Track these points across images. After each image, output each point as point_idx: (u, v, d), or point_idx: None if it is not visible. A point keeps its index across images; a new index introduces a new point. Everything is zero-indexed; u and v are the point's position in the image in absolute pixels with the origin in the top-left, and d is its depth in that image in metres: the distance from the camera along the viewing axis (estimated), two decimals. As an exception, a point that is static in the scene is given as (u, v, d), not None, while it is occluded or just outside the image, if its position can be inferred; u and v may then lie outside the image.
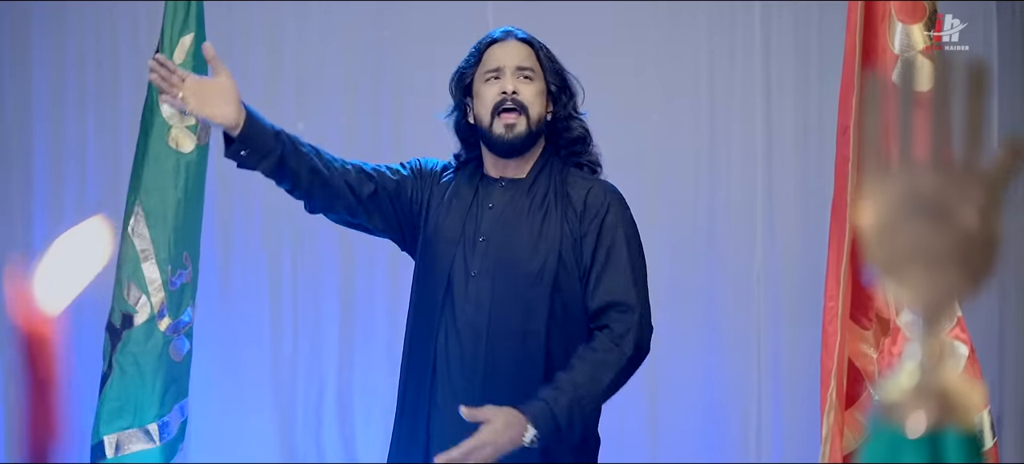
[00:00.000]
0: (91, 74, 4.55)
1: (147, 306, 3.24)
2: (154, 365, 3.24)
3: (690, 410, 4.48)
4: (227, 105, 2.56)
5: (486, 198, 2.69)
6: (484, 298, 2.61)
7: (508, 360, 2.61)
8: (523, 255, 2.63)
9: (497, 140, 2.67)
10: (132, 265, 3.25)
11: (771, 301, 4.46)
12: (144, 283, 3.24)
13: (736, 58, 4.58)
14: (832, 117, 4.26)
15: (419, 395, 2.66)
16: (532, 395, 2.55)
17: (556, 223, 2.64)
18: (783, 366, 4.45)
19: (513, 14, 4.53)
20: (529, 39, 2.77)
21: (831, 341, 2.98)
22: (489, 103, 2.67)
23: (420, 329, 2.69)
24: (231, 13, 4.47)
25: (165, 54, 3.24)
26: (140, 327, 3.24)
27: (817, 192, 4.36)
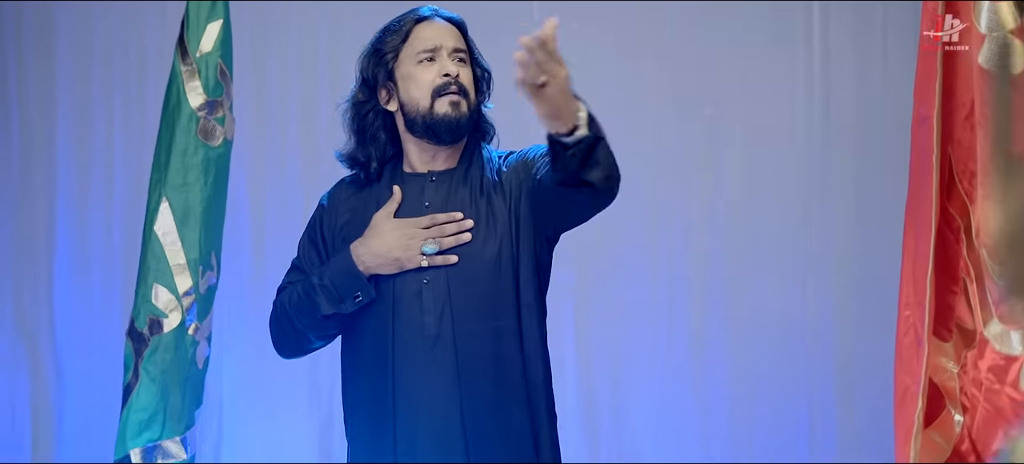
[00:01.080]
0: (118, 74, 4.44)
1: (177, 310, 3.03)
2: (184, 373, 3.04)
3: (742, 410, 4.39)
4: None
5: (418, 197, 2.45)
6: (442, 304, 2.37)
7: (484, 364, 2.36)
8: (476, 247, 2.39)
9: (442, 120, 2.41)
10: (160, 266, 3.04)
11: (823, 300, 4.37)
12: (174, 285, 3.03)
13: (797, 48, 4.43)
14: (892, 108, 4.27)
15: (380, 434, 2.39)
16: (514, 402, 2.35)
17: (501, 207, 2.41)
18: (836, 366, 4.34)
19: (560, 11, 4.40)
20: (455, 20, 2.54)
21: (909, 355, 2.68)
22: (427, 86, 2.43)
23: (369, 362, 2.41)
24: (266, 6, 4.36)
25: (191, 43, 3.07)
26: (170, 333, 3.02)
27: (874, 188, 4.29)
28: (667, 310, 4.43)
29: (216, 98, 3.10)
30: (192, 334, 3.05)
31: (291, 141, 4.43)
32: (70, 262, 4.40)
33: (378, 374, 2.39)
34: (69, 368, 4.37)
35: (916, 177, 2.80)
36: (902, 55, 4.26)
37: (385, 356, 2.38)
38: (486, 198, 2.42)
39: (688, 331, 4.40)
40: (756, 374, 4.37)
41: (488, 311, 2.37)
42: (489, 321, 2.37)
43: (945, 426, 2.78)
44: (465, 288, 2.37)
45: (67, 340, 4.38)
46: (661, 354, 4.40)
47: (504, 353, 2.37)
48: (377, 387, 2.38)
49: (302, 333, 2.47)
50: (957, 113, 2.75)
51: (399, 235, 2.38)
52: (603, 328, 4.42)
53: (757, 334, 4.37)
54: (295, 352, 2.54)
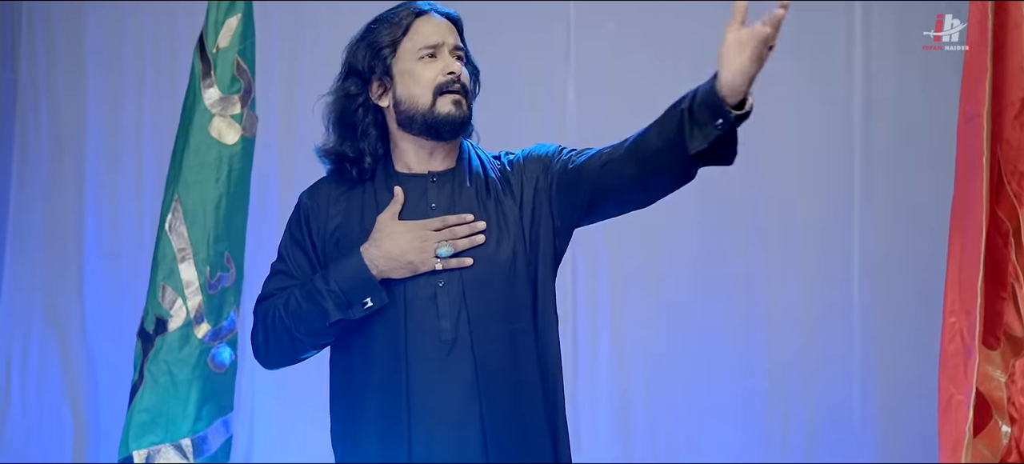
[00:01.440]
0: (149, 73, 4.39)
1: (182, 310, 2.96)
2: (189, 375, 2.96)
3: (779, 411, 4.31)
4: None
5: (422, 198, 2.37)
6: (458, 308, 2.30)
7: (502, 368, 2.30)
8: (490, 249, 2.32)
9: (445, 119, 2.34)
10: (168, 265, 2.98)
11: (867, 299, 4.29)
12: (180, 285, 2.97)
13: (835, 55, 4.35)
14: (934, 105, 4.18)
15: (393, 439, 2.32)
16: (533, 404, 2.31)
17: (512, 208, 2.36)
18: (876, 366, 4.29)
19: (595, 11, 4.36)
20: (457, 18, 2.46)
21: (954, 363, 2.55)
22: (428, 83, 2.35)
23: (379, 368, 2.33)
24: (298, 6, 4.30)
25: (209, 39, 3.01)
26: (174, 333, 2.96)
27: (915, 187, 4.22)
28: (702, 310, 4.35)
29: (231, 94, 3.03)
30: (201, 336, 2.98)
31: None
32: (100, 253, 4.36)
33: (390, 379, 2.31)
34: (101, 359, 4.32)
35: (963, 178, 2.67)
36: (943, 54, 4.16)
37: (398, 361, 2.30)
38: (494, 199, 2.36)
39: (725, 331, 4.32)
40: (793, 374, 4.30)
41: (503, 314, 2.31)
42: (505, 324, 2.31)
43: (992, 437, 2.65)
44: (480, 291, 2.30)
45: (98, 331, 4.34)
46: (698, 355, 4.33)
47: (521, 356, 2.31)
48: (389, 392, 2.31)
49: (299, 341, 2.36)
50: (1006, 112, 2.65)
51: (411, 237, 2.28)
52: (639, 328, 4.35)
53: (794, 334, 4.30)
54: (286, 362, 2.42)
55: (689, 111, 2.14)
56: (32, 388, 4.32)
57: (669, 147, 2.19)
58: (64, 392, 4.32)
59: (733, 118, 2.11)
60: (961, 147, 2.70)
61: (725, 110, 2.10)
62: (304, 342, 2.36)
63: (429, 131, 2.36)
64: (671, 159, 2.21)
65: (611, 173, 2.30)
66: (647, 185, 2.29)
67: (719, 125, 2.12)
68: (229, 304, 3.05)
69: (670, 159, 2.21)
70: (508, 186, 2.39)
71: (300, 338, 2.35)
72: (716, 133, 2.13)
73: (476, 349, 2.28)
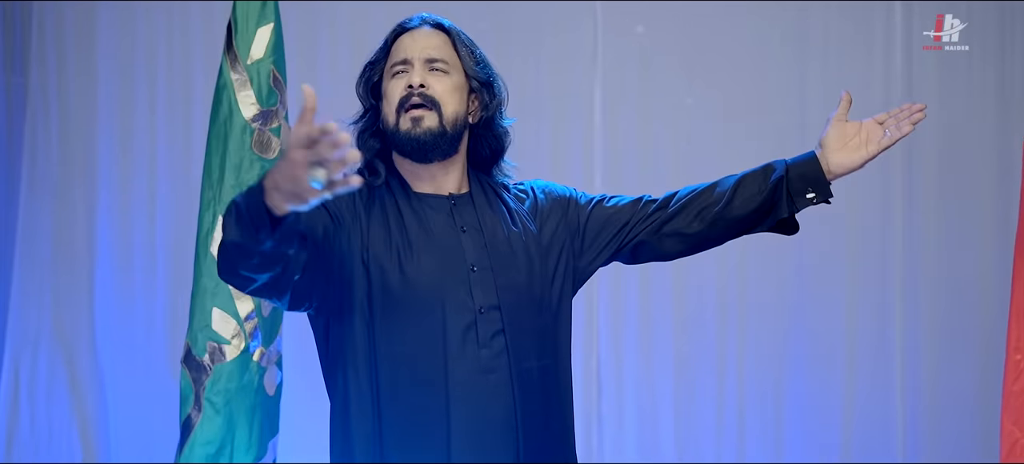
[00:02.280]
0: (162, 75, 4.27)
1: (240, 336, 2.84)
2: (252, 402, 2.86)
3: (817, 436, 4.26)
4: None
5: (448, 219, 2.26)
6: (499, 337, 2.20)
7: (535, 407, 2.22)
8: (521, 281, 2.24)
9: (404, 137, 2.22)
10: (218, 288, 2.84)
11: (910, 316, 4.24)
12: (235, 309, 2.84)
13: (875, 57, 4.26)
14: (979, 121, 4.20)
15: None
16: (560, 443, 2.26)
17: (534, 239, 2.29)
18: (923, 384, 4.23)
19: (623, 13, 4.26)
20: (444, 25, 2.32)
21: (1018, 404, 2.43)
22: (394, 100, 2.23)
23: (413, 396, 2.19)
24: (316, 10, 4.19)
25: (240, 50, 2.88)
26: (234, 361, 2.84)
27: (960, 201, 4.19)
28: (738, 329, 4.28)
29: (270, 108, 2.92)
30: (257, 360, 2.87)
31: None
32: (111, 265, 4.24)
33: (427, 407, 2.18)
34: (111, 375, 4.19)
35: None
36: (983, 62, 4.14)
37: (435, 388, 2.19)
38: (520, 229, 2.28)
39: (763, 350, 4.25)
40: (833, 395, 4.25)
41: (536, 348, 2.24)
42: (537, 359, 2.24)
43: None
44: (517, 322, 2.23)
45: (108, 346, 4.21)
46: (736, 372, 4.27)
47: (549, 391, 2.26)
48: (425, 421, 2.19)
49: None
50: None
51: (284, 164, 1.89)
52: (667, 341, 4.28)
53: (836, 354, 4.25)
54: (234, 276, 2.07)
55: (786, 181, 2.28)
56: (40, 404, 4.20)
57: (753, 212, 2.30)
58: (73, 408, 4.20)
59: (829, 194, 2.27)
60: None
61: (824, 185, 2.27)
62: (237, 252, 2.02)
63: (400, 151, 2.26)
64: (746, 224, 2.31)
65: (672, 231, 2.34)
66: (705, 242, 2.36)
67: (811, 197, 2.26)
68: (279, 324, 2.95)
69: (746, 224, 2.32)
70: (529, 217, 2.32)
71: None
72: (806, 204, 2.27)
73: (515, 381, 2.20)
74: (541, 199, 2.35)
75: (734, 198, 2.30)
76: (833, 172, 2.27)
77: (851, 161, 2.26)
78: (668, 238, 2.33)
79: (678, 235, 2.33)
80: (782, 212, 2.28)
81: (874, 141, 2.26)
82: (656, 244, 2.34)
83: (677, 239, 2.33)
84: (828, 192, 2.26)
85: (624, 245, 2.34)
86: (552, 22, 4.23)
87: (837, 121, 2.28)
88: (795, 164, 2.29)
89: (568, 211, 2.33)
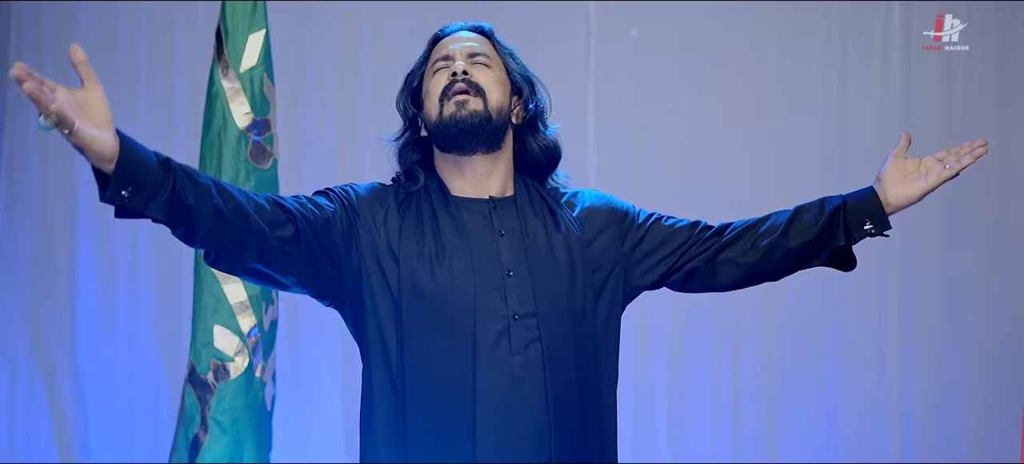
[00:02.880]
0: (144, 77, 4.18)
1: (244, 352, 2.79)
2: (258, 419, 2.81)
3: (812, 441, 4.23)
4: (102, 130, 1.82)
5: (487, 223, 2.20)
6: (534, 345, 2.14)
7: (572, 414, 2.16)
8: (562, 289, 2.18)
9: (448, 122, 2.17)
10: (219, 305, 2.78)
11: (906, 316, 4.23)
12: (237, 326, 2.78)
13: (873, 58, 4.23)
14: (978, 123, 4.16)
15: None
16: (595, 455, 2.20)
17: (580, 249, 2.22)
18: (918, 384, 4.22)
19: (617, 14, 4.18)
20: (484, 28, 2.32)
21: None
22: (436, 92, 2.21)
23: (441, 404, 2.13)
24: (305, 13, 4.10)
25: (232, 58, 2.78)
26: (239, 379, 2.79)
27: (956, 201, 4.15)
28: (734, 328, 4.23)
29: (264, 116, 2.83)
30: (259, 376, 2.82)
31: (329, 150, 4.17)
32: (93, 282, 4.13)
33: (454, 415, 2.13)
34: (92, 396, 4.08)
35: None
36: (983, 62, 4.13)
37: (464, 396, 2.13)
38: (565, 242, 2.21)
39: (758, 350, 4.21)
40: (828, 396, 4.22)
41: (575, 359, 2.17)
42: (576, 370, 2.17)
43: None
44: (555, 330, 2.16)
45: (90, 366, 4.09)
46: (731, 371, 4.24)
47: (588, 404, 2.19)
48: (452, 429, 2.13)
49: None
50: None
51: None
52: (662, 339, 4.23)
53: (831, 354, 4.22)
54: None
55: (843, 211, 2.30)
56: (19, 421, 4.09)
57: (808, 243, 2.30)
58: (52, 425, 4.09)
59: (886, 226, 2.29)
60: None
61: (882, 217, 2.29)
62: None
63: (445, 142, 2.20)
64: (801, 255, 2.32)
65: (727, 259, 2.32)
66: (759, 274, 2.34)
67: (869, 229, 2.28)
68: (274, 339, 2.89)
69: (801, 255, 2.32)
70: (577, 225, 2.26)
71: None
72: (864, 235, 2.29)
73: (549, 390, 2.13)
74: (594, 208, 2.28)
75: (789, 229, 2.29)
76: (892, 204, 2.29)
77: (911, 192, 2.28)
78: (723, 267, 2.30)
79: (733, 263, 2.30)
80: (838, 240, 2.29)
81: (933, 174, 2.28)
82: (710, 272, 2.31)
83: (732, 268, 2.30)
84: (886, 224, 2.27)
85: (677, 267, 2.30)
86: (545, 29, 4.17)
87: (896, 157, 2.30)
88: (853, 197, 2.31)
89: (623, 224, 2.28)
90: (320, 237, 2.09)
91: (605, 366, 2.22)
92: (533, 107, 2.26)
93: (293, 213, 2.05)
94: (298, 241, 2.05)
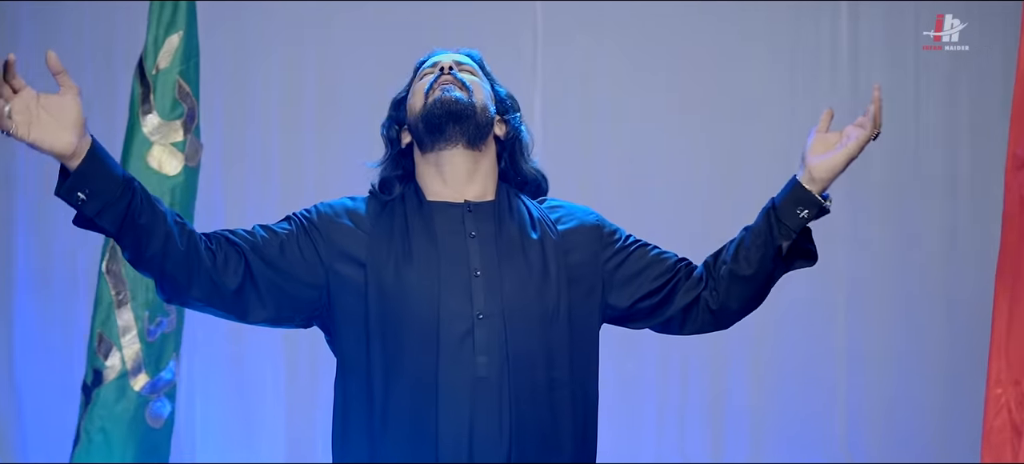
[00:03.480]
0: (88, 80, 4.06)
1: (118, 360, 2.76)
2: (124, 432, 2.77)
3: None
4: (64, 130, 1.95)
5: (459, 226, 2.22)
6: (498, 344, 2.15)
7: (538, 417, 2.18)
8: (532, 289, 2.18)
9: (433, 104, 2.20)
10: (105, 311, 2.77)
11: (853, 318, 4.20)
12: (116, 333, 2.76)
13: (821, 60, 4.20)
14: (926, 125, 4.13)
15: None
16: (564, 457, 2.21)
17: (556, 255, 2.23)
18: (865, 384, 4.19)
19: (564, 14, 4.12)
20: (472, 54, 2.37)
21: (1000, 440, 2.30)
22: (422, 90, 2.25)
23: (407, 404, 2.16)
24: (247, 13, 4.03)
25: (148, 59, 2.75)
26: (109, 386, 2.77)
27: (903, 205, 4.16)
28: (678, 344, 4.08)
29: (174, 120, 2.78)
30: (138, 389, 2.78)
31: (273, 161, 4.12)
32: (31, 289, 4.06)
33: (419, 414, 2.16)
34: (30, 406, 4.01)
35: (1014, 233, 2.38)
36: (929, 63, 4.12)
37: (428, 395, 2.15)
38: (540, 240, 2.22)
39: (705, 352, 4.16)
40: (776, 396, 4.20)
41: (543, 361, 2.18)
42: (544, 372, 2.18)
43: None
44: (523, 332, 2.17)
45: (28, 376, 4.03)
46: (680, 374, 4.20)
47: (558, 406, 2.19)
48: (417, 428, 2.16)
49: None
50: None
51: None
52: (609, 338, 4.11)
53: (779, 356, 4.19)
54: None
55: (774, 211, 2.22)
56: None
57: (760, 259, 2.22)
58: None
59: (819, 204, 2.20)
60: (1011, 196, 2.40)
61: (811, 198, 2.20)
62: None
63: (427, 129, 2.21)
64: (760, 272, 2.24)
65: (704, 305, 2.28)
66: (730, 310, 2.28)
67: (804, 214, 2.19)
68: (169, 353, 2.83)
69: (760, 271, 2.24)
70: (557, 233, 2.26)
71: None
72: (801, 222, 2.20)
73: (513, 390, 2.15)
74: (580, 220, 2.29)
75: (738, 255, 2.23)
76: (817, 178, 2.20)
77: (833, 161, 2.20)
78: (700, 311, 2.26)
79: (706, 309, 2.25)
80: (777, 240, 2.21)
81: (853, 138, 2.21)
82: (688, 318, 2.27)
83: (706, 313, 2.26)
84: (817, 202, 2.19)
85: (651, 294, 2.26)
86: (492, 33, 4.10)
87: (817, 133, 2.25)
88: (780, 193, 2.23)
89: (604, 239, 2.27)
90: (275, 264, 2.15)
91: (580, 369, 2.21)
92: (517, 123, 2.28)
93: (243, 250, 2.13)
94: (251, 278, 2.12)
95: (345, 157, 4.21)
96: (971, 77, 4.15)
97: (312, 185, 4.04)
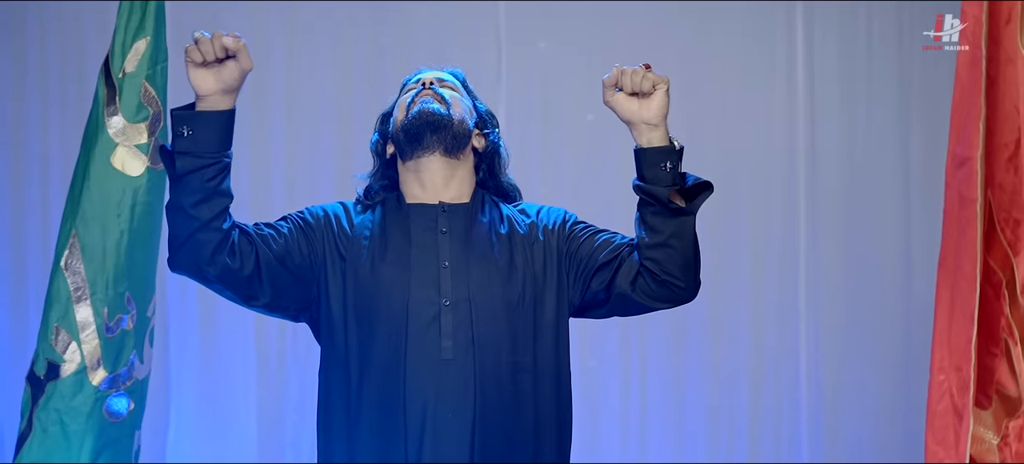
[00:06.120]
0: (54, 81, 4.07)
1: (77, 354, 2.74)
2: (82, 425, 2.74)
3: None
4: (218, 81, 2.22)
5: (432, 225, 2.36)
6: (464, 329, 2.28)
7: (501, 400, 2.29)
8: (497, 278, 2.32)
9: (414, 116, 2.35)
10: (63, 306, 2.75)
11: (813, 317, 4.22)
12: (75, 328, 2.74)
13: (777, 60, 4.24)
14: (881, 124, 4.18)
15: (390, 456, 2.30)
16: (527, 441, 2.30)
17: (524, 249, 2.35)
18: (827, 384, 4.22)
19: (527, 16, 4.12)
20: (455, 72, 2.52)
21: (943, 424, 2.32)
22: (404, 104, 2.40)
23: (377, 386, 2.30)
24: (214, 16, 3.99)
25: (114, 62, 2.76)
26: (67, 379, 2.74)
27: (861, 203, 4.18)
28: (639, 331, 4.19)
29: (138, 122, 2.78)
30: (96, 383, 2.76)
31: (243, 162, 4.04)
32: (3, 289, 4.02)
33: (388, 395, 2.30)
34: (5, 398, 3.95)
35: (954, 227, 2.43)
36: (882, 58, 4.16)
37: (396, 377, 2.29)
38: (508, 235, 2.35)
39: (665, 351, 4.19)
40: (738, 396, 4.21)
41: (507, 346, 2.30)
42: (508, 356, 2.30)
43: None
44: (489, 318, 2.30)
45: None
46: (639, 374, 4.21)
47: (522, 390, 2.30)
48: (386, 408, 2.30)
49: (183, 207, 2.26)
50: (998, 154, 2.45)
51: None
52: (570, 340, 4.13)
53: (740, 355, 4.21)
54: (187, 249, 2.25)
55: (642, 187, 2.27)
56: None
57: (653, 230, 2.26)
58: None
59: (670, 146, 2.27)
60: (951, 193, 2.46)
61: (659, 151, 2.27)
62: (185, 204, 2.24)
63: (407, 139, 2.35)
64: (659, 242, 2.27)
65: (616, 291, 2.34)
66: (652, 290, 2.33)
67: (667, 168, 2.25)
68: (128, 349, 2.81)
69: (658, 241, 2.27)
70: (525, 228, 2.38)
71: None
72: (667, 177, 2.25)
73: (478, 372, 2.27)
74: (550, 216, 2.41)
75: (645, 229, 2.28)
76: (647, 120, 2.27)
77: (655, 105, 2.28)
78: (647, 281, 2.30)
79: (652, 277, 2.29)
80: (653, 207, 2.25)
81: (648, 79, 2.28)
82: (635, 288, 2.31)
83: (654, 282, 2.30)
84: (666, 147, 2.25)
85: (605, 276, 2.32)
86: (455, 42, 4.13)
87: (608, 90, 2.31)
88: (637, 172, 2.29)
89: (565, 231, 2.38)
90: (282, 258, 2.30)
91: (545, 356, 2.31)
92: (495, 138, 2.42)
93: (255, 242, 2.28)
94: (258, 269, 2.27)
95: (312, 158, 4.21)
96: (923, 78, 4.19)
97: (280, 185, 4.03)
